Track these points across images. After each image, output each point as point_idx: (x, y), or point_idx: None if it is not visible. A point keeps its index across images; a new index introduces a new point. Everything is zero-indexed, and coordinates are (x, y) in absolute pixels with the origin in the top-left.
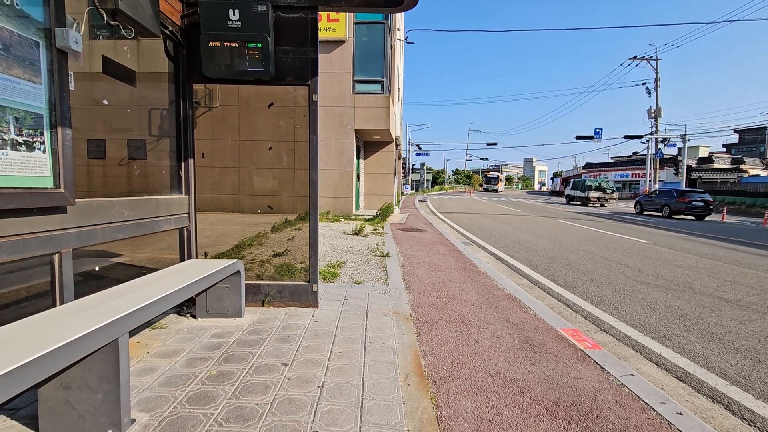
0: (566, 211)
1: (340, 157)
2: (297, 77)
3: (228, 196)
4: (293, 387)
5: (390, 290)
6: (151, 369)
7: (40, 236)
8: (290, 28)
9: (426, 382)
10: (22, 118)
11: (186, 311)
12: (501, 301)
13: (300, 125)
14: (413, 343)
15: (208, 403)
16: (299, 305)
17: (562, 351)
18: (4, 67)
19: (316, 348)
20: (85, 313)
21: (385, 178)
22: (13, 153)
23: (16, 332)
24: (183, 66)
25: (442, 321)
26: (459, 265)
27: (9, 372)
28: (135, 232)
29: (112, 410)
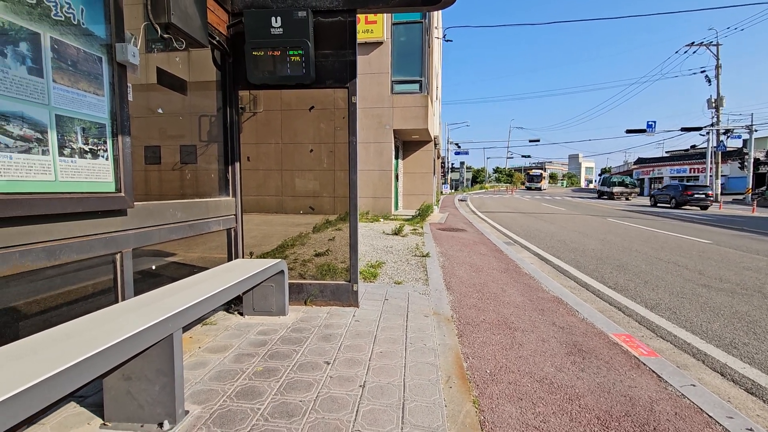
0: (616, 209)
1: (379, 158)
2: (336, 80)
3: (271, 197)
4: (335, 385)
5: (430, 291)
6: (202, 363)
7: (104, 237)
8: (329, 32)
9: (468, 385)
10: (87, 128)
11: (234, 308)
12: (546, 304)
13: (339, 127)
14: (454, 345)
15: (255, 398)
16: (340, 304)
17: (614, 357)
18: (72, 81)
19: (358, 347)
20: (143, 309)
21: (424, 178)
22: (80, 160)
23: (85, 326)
24: (229, 74)
25: (484, 323)
26: (501, 265)
27: (79, 362)
28: (187, 233)
29: (167, 401)
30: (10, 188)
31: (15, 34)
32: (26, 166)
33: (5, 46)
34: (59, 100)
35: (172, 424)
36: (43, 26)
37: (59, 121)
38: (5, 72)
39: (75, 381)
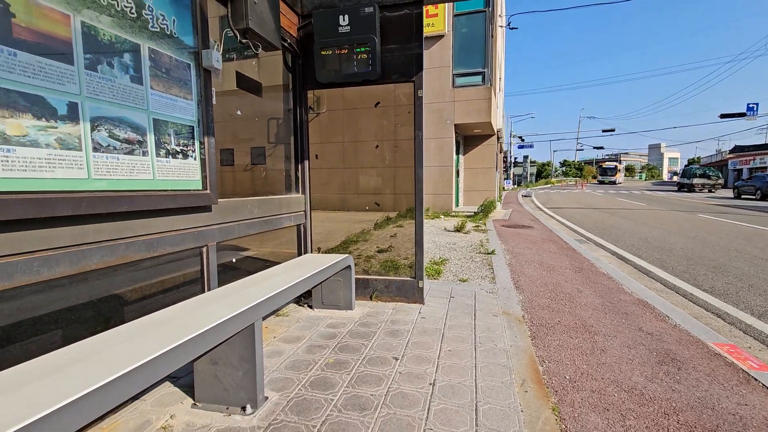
0: (706, 203)
1: (439, 154)
2: (402, 74)
3: (334, 195)
4: (405, 381)
5: (498, 289)
6: (278, 352)
7: (193, 231)
8: (396, 26)
9: (546, 391)
10: (179, 130)
11: (303, 301)
12: (630, 307)
13: (401, 123)
14: (528, 347)
15: (328, 389)
16: (406, 301)
17: (717, 370)
18: (166, 87)
19: (425, 344)
20: (228, 299)
21: (486, 173)
22: (173, 160)
23: (179, 313)
24: (299, 74)
25: (559, 325)
26: (574, 264)
27: (178, 346)
28: (262, 228)
29: (249, 387)
30: (118, 186)
31: (120, 46)
32: (130, 166)
33: (113, 57)
34: (155, 105)
35: (254, 408)
36: (142, 38)
37: (156, 125)
38: (113, 81)
39: (174, 363)
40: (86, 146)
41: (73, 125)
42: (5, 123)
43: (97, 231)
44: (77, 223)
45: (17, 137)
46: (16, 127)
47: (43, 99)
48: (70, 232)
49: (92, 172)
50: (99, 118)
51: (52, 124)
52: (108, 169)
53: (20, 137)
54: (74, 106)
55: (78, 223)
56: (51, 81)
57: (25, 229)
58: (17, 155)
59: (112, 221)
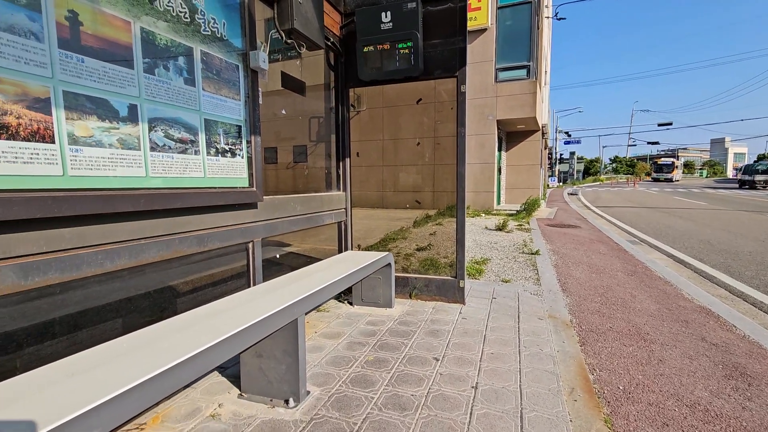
0: None
1: (480, 150)
2: (445, 69)
3: (373, 192)
4: (446, 383)
5: (543, 291)
6: (319, 348)
7: (240, 227)
8: (439, 21)
9: (597, 401)
10: (227, 130)
11: (343, 298)
12: (690, 315)
13: (440, 120)
14: (576, 354)
15: (368, 387)
16: (446, 300)
17: None
18: (216, 88)
19: (466, 346)
20: (273, 294)
21: (529, 170)
22: (222, 159)
23: (227, 306)
24: (341, 73)
25: (611, 331)
26: (627, 267)
27: (227, 339)
28: (305, 225)
29: (292, 381)
30: (172, 184)
31: (175, 49)
32: (183, 165)
33: (168, 60)
34: (206, 106)
35: (296, 402)
36: (195, 41)
37: (206, 125)
38: (168, 83)
39: (225, 354)
40: (144, 146)
41: (133, 126)
42: (74, 125)
43: (153, 226)
44: (136, 218)
45: (84, 138)
46: (83, 129)
47: (106, 102)
48: (130, 227)
49: (149, 170)
50: (156, 119)
51: (114, 125)
52: (163, 168)
53: (87, 138)
54: (134, 108)
55: (136, 219)
56: (114, 84)
57: (91, 224)
58: (84, 155)
59: (167, 217)
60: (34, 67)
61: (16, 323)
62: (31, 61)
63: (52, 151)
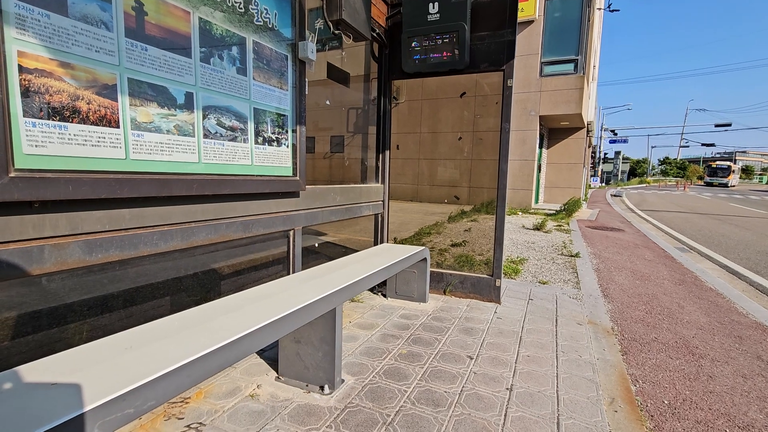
0: None
1: (521, 147)
2: (492, 63)
3: (408, 185)
4: (480, 383)
5: (582, 296)
6: (353, 337)
7: (282, 215)
8: (487, 12)
9: (639, 414)
10: (275, 119)
11: (378, 290)
12: (745, 330)
13: (481, 115)
14: (618, 363)
15: (401, 380)
16: (480, 298)
17: None
18: (266, 78)
19: (501, 346)
20: (312, 282)
21: (571, 169)
22: (269, 147)
23: (270, 292)
24: (385, 64)
25: (656, 342)
26: (674, 276)
27: (270, 323)
28: (344, 215)
29: (328, 368)
30: (222, 170)
31: (229, 39)
32: (233, 152)
33: (223, 50)
34: (256, 95)
35: (331, 389)
36: (248, 31)
37: (255, 113)
38: (222, 72)
39: (267, 338)
40: (198, 133)
41: (189, 113)
42: (137, 111)
43: (203, 211)
44: (188, 202)
45: (145, 123)
46: (144, 115)
47: (166, 89)
48: (183, 210)
49: (202, 156)
50: (209, 107)
51: (172, 112)
52: (215, 155)
53: (147, 123)
54: (190, 96)
55: (189, 203)
56: (173, 73)
57: (148, 206)
58: (144, 140)
59: (216, 202)
60: (104, 55)
61: (77, 295)
62: (102, 49)
63: (117, 136)
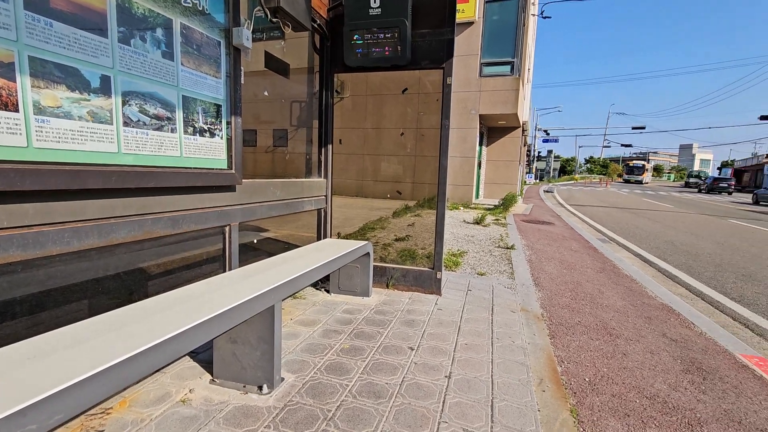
0: (740, 209)
1: (462, 144)
2: (432, 60)
3: (352, 181)
4: (420, 372)
5: (516, 285)
6: (294, 335)
7: (217, 210)
8: (427, 10)
9: (564, 392)
10: (207, 109)
11: (320, 285)
12: (654, 311)
13: (424, 112)
14: (546, 346)
15: (343, 375)
16: (422, 291)
17: (745, 382)
18: (196, 64)
19: (441, 336)
20: (249, 280)
21: (508, 167)
22: (200, 138)
23: (201, 291)
24: (327, 57)
25: (579, 326)
26: (596, 264)
27: (200, 324)
28: (284, 210)
29: (267, 367)
30: (146, 161)
31: (153, 20)
32: (158, 143)
33: (145, 32)
34: (185, 82)
35: (270, 388)
36: (175, 13)
37: (185, 102)
38: (145, 56)
39: (197, 339)
40: (117, 120)
41: (105, 99)
42: (40, 93)
43: (125, 205)
44: (107, 196)
45: (52, 108)
46: (51, 98)
47: (77, 71)
48: (100, 205)
49: (122, 146)
50: (130, 93)
51: (85, 96)
52: (137, 145)
53: (54, 108)
54: (107, 80)
55: (107, 197)
56: (85, 53)
57: (57, 200)
58: (51, 126)
59: (140, 196)
60: None
61: None
62: None
63: (15, 120)
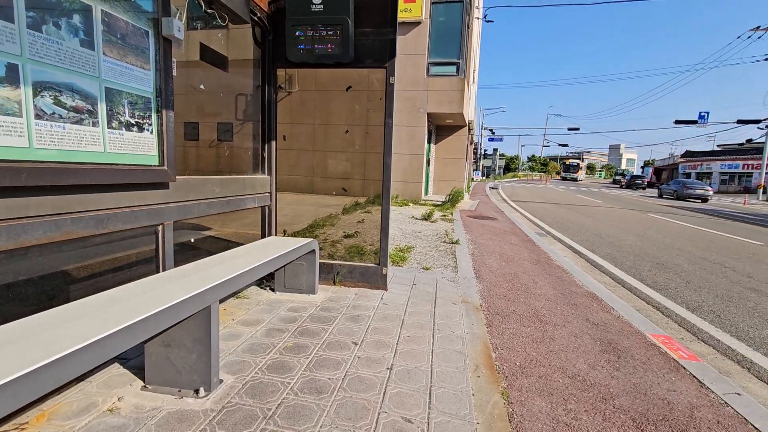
0: (658, 204)
1: (411, 142)
2: (375, 59)
3: (302, 177)
4: (363, 366)
5: (459, 278)
6: (235, 335)
7: (147, 209)
8: (370, 9)
9: (497, 376)
10: (134, 101)
11: (265, 284)
12: (580, 299)
13: (373, 109)
14: (483, 335)
15: (285, 373)
16: (369, 286)
17: (652, 359)
18: (121, 54)
19: (385, 330)
20: (183, 280)
21: (455, 164)
22: (127, 133)
23: (130, 293)
24: (269, 52)
25: (514, 314)
26: (533, 256)
27: (127, 327)
28: (224, 208)
29: (203, 369)
30: (64, 157)
31: (68, 5)
32: (78, 137)
33: (60, 18)
34: (108, 73)
35: (207, 391)
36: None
37: (108, 94)
38: (59, 43)
39: (122, 344)
40: (27, 113)
41: (13, 89)
42: None
43: (40, 204)
44: (16, 195)
45: None
46: None
47: None
48: (8, 205)
49: (34, 140)
50: (43, 83)
51: None
52: (53, 139)
53: None
54: (14, 68)
55: (17, 195)
56: None
57: None
58: None
59: (57, 194)
60: None
61: None
62: None
63: None
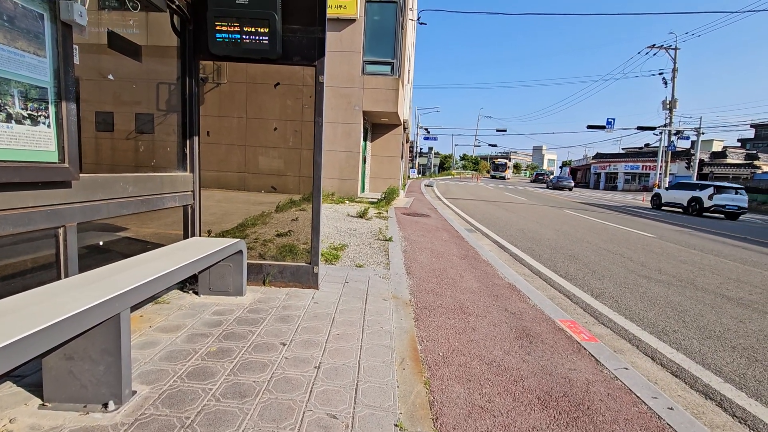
0: (573, 201)
1: (347, 139)
2: (304, 57)
3: (233, 174)
4: (290, 366)
5: (391, 275)
6: (152, 343)
7: (45, 210)
8: (299, 6)
9: (421, 367)
10: (26, 91)
11: (189, 287)
12: (501, 290)
13: (307, 105)
14: (410, 329)
15: (207, 379)
16: (300, 286)
17: (558, 342)
18: (8, 39)
19: (315, 329)
20: (88, 287)
21: (391, 162)
22: (18, 127)
23: (23, 303)
24: (189, 42)
25: (440, 308)
26: (461, 252)
27: (15, 341)
28: (139, 208)
29: (113, 382)
30: None
31: None
32: None
33: None
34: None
35: (118, 404)
36: None
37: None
38: None
39: (12, 360)
40: None
41: None
42: None
43: None
44: None
45: None
46: None
47: None
48: None
49: None
50: None
51: None
52: None
53: None
54: None
55: None
56: None
57: None
58: None
59: None
60: None
61: None
62: None
63: None
